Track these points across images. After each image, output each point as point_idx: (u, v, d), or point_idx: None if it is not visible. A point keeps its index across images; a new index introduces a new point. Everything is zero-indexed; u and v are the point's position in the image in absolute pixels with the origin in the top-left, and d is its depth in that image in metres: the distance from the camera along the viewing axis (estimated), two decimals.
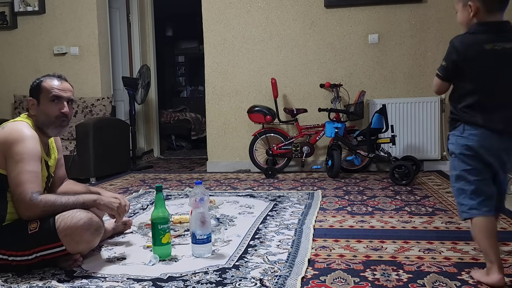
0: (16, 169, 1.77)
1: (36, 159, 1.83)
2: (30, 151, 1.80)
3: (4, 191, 1.83)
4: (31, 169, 1.79)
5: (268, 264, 1.85)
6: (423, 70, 4.24)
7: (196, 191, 2.03)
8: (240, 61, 4.51)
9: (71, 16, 4.90)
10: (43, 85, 1.93)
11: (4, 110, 4.99)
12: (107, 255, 2.04)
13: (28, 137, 1.83)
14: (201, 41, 4.82)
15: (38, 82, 1.96)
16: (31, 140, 1.83)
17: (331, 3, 4.32)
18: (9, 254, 1.78)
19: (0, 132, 1.84)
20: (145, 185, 3.85)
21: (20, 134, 1.82)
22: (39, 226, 1.78)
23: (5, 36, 5.03)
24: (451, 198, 3.00)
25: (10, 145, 1.79)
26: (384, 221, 2.50)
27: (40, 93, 1.93)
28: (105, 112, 4.69)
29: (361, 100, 4.05)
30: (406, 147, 4.20)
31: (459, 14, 1.81)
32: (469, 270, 1.73)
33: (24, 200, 1.75)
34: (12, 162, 1.78)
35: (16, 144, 1.79)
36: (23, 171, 1.76)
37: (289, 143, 4.20)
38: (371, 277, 1.70)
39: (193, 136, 6.93)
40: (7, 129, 1.85)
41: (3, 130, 1.85)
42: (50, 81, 1.94)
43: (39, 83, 1.95)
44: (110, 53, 5.21)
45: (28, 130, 1.86)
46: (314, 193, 3.29)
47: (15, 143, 1.79)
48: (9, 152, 1.79)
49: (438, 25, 4.19)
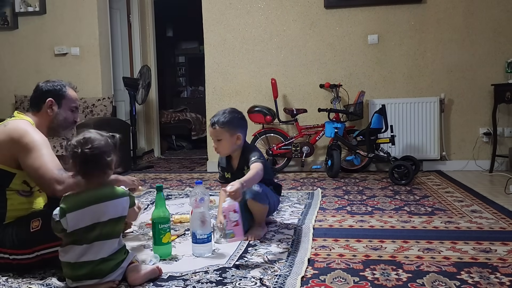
0: (32, 156, 1.79)
1: (47, 145, 1.86)
2: (40, 139, 1.84)
3: (3, 188, 1.84)
4: (46, 152, 1.82)
5: (268, 263, 1.86)
6: (423, 71, 4.25)
7: (196, 191, 2.04)
8: (240, 61, 4.52)
9: (72, 16, 4.91)
10: (68, 93, 2.05)
11: (5, 110, 5.00)
12: None
13: (33, 131, 1.87)
14: (202, 42, 4.83)
15: (61, 87, 2.05)
16: (36, 132, 1.87)
17: (331, 4, 4.33)
18: (10, 252, 1.79)
19: (3, 129, 1.86)
20: (145, 185, 3.86)
21: (24, 129, 1.85)
22: (41, 224, 1.79)
23: (6, 37, 5.04)
24: (450, 198, 3.01)
25: (17, 140, 1.81)
26: (383, 220, 2.51)
27: (63, 99, 2.04)
28: (106, 112, 4.71)
29: (361, 100, 4.06)
30: (405, 147, 4.21)
31: None
32: (468, 269, 1.74)
33: (52, 176, 1.75)
34: (26, 152, 1.79)
35: (23, 137, 1.82)
36: (40, 155, 1.79)
37: (289, 143, 4.21)
38: (370, 276, 1.71)
39: (193, 136, 6.95)
40: (10, 126, 1.87)
41: (6, 127, 1.86)
42: (71, 92, 2.08)
43: (63, 89, 2.05)
44: (111, 53, 5.22)
45: (30, 127, 1.89)
46: (314, 192, 3.30)
47: (22, 137, 1.81)
48: (19, 146, 1.80)
49: (438, 26, 4.20)
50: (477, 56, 4.16)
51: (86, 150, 1.62)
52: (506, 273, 1.69)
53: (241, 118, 2.30)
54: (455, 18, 4.19)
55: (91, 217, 1.62)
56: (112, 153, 1.69)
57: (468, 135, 4.22)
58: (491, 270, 1.73)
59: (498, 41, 4.12)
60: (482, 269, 1.74)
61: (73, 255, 1.62)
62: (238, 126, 2.26)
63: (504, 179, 3.54)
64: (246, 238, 2.17)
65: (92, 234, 1.62)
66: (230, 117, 2.23)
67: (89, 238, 1.62)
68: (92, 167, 1.65)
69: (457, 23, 4.18)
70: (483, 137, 4.19)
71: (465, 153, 4.23)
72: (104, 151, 1.66)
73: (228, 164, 2.37)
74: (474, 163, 4.19)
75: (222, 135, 2.22)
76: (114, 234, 1.67)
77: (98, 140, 1.67)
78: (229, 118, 2.23)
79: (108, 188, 1.71)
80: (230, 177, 2.35)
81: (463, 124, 4.22)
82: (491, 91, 4.08)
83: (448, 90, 4.22)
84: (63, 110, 2.04)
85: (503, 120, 4.14)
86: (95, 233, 1.62)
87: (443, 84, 4.22)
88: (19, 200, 1.86)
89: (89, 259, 1.61)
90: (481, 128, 4.19)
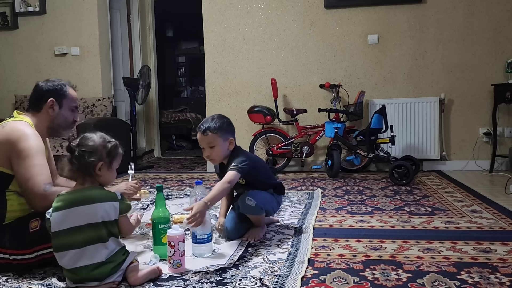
0: (24, 164, 1.79)
1: (42, 153, 1.86)
2: (35, 146, 1.83)
3: (2, 190, 1.84)
4: (39, 162, 1.81)
5: (268, 263, 1.86)
6: (423, 71, 4.25)
7: (196, 191, 2.04)
8: (240, 61, 4.52)
9: (72, 16, 4.91)
10: (68, 93, 2.04)
11: (5, 110, 5.00)
12: None
13: (31, 135, 1.86)
14: (202, 42, 4.83)
15: (62, 86, 2.03)
16: (34, 137, 1.86)
17: (331, 4, 4.33)
18: (10, 253, 1.79)
19: (1, 131, 1.86)
20: (145, 185, 3.86)
21: (22, 132, 1.84)
22: (40, 224, 1.78)
23: (6, 37, 5.04)
24: (450, 198, 3.01)
25: (14, 143, 1.81)
26: (383, 220, 2.51)
27: (64, 98, 2.02)
28: (106, 112, 4.71)
29: (361, 100, 4.06)
30: (405, 147, 4.21)
31: None
32: (468, 269, 1.74)
33: (38, 192, 1.77)
34: (19, 159, 1.79)
35: (20, 141, 1.81)
36: (32, 165, 1.79)
37: (289, 143, 4.21)
38: (370, 276, 1.71)
39: (193, 136, 6.94)
40: (8, 128, 1.86)
41: (4, 129, 1.86)
42: (72, 91, 2.07)
43: (64, 88, 2.03)
44: (111, 53, 5.22)
45: (29, 129, 1.88)
46: (314, 192, 3.30)
47: (19, 141, 1.81)
48: (14, 150, 1.80)
49: (438, 26, 4.20)
50: (477, 56, 4.16)
51: (76, 149, 1.65)
52: (506, 273, 1.69)
53: (230, 123, 2.26)
54: (455, 18, 4.19)
55: (70, 220, 1.60)
56: (99, 156, 1.66)
57: (468, 135, 4.22)
58: (491, 270, 1.73)
59: (498, 41, 4.12)
60: (482, 269, 1.74)
61: (68, 260, 1.60)
62: (229, 130, 2.21)
63: (504, 179, 3.54)
64: (246, 239, 2.17)
65: (72, 238, 1.59)
66: (220, 122, 2.18)
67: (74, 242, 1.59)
68: (77, 165, 1.65)
69: (457, 23, 4.18)
70: (483, 137, 4.19)
71: (465, 153, 4.23)
72: (90, 152, 1.65)
73: (222, 171, 2.29)
74: (474, 163, 4.19)
75: (215, 141, 2.15)
76: (104, 238, 1.62)
77: (91, 140, 1.67)
78: (220, 123, 2.17)
79: (92, 190, 1.67)
80: None
81: (463, 124, 4.22)
82: (491, 91, 4.09)
83: (448, 90, 4.22)
84: (64, 110, 2.03)
85: (503, 120, 4.14)
86: (77, 237, 1.59)
87: (443, 84, 4.22)
88: (18, 201, 1.86)
89: (83, 264, 1.59)
90: (481, 128, 4.20)
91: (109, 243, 1.64)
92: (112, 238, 1.66)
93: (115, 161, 1.75)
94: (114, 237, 1.67)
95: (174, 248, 1.78)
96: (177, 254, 1.78)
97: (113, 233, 1.67)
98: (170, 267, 1.80)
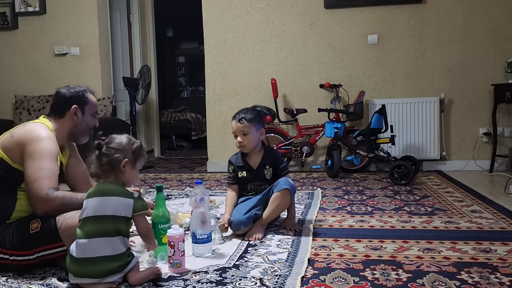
0: (34, 166, 1.79)
1: (54, 158, 1.85)
2: (48, 150, 1.84)
3: (14, 187, 1.84)
4: (48, 166, 1.81)
5: (268, 263, 1.86)
6: (423, 71, 4.25)
7: (196, 191, 2.04)
8: (240, 61, 4.52)
9: (72, 16, 4.91)
10: (90, 99, 2.07)
11: (5, 110, 5.01)
12: None
13: (46, 137, 1.87)
14: (202, 42, 4.83)
15: (83, 93, 2.05)
16: (48, 140, 1.87)
17: (331, 4, 4.33)
18: (10, 253, 1.78)
19: (21, 129, 1.89)
20: (145, 185, 3.86)
21: (38, 133, 1.86)
22: (40, 226, 1.78)
23: (6, 37, 5.04)
24: (450, 198, 3.02)
25: (28, 143, 1.82)
26: (383, 220, 2.51)
27: (86, 105, 2.05)
28: (106, 112, 4.70)
29: (361, 100, 4.06)
30: (405, 147, 4.21)
31: None
32: (468, 269, 1.74)
33: (41, 195, 1.77)
34: (30, 159, 1.80)
35: (33, 142, 1.82)
36: (41, 168, 1.79)
37: (289, 143, 4.21)
38: (370, 276, 1.71)
39: (193, 136, 6.95)
40: (27, 127, 1.90)
41: (23, 128, 1.90)
42: (92, 97, 2.10)
43: (85, 94, 2.05)
44: (111, 53, 5.22)
45: (46, 132, 1.89)
46: (314, 192, 3.30)
47: (33, 142, 1.82)
48: (27, 150, 1.81)
49: (438, 26, 4.20)
50: (477, 56, 4.16)
51: (104, 145, 1.73)
52: (506, 273, 1.69)
53: (262, 116, 2.50)
54: (455, 18, 4.19)
55: (91, 209, 1.65)
56: (125, 154, 1.74)
57: (468, 135, 4.22)
58: (491, 270, 1.73)
59: (498, 41, 4.12)
60: (482, 269, 1.74)
61: (77, 249, 1.63)
62: (261, 122, 2.43)
63: (504, 179, 3.54)
64: (247, 238, 2.18)
65: (86, 227, 1.63)
66: (255, 114, 2.39)
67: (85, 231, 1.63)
68: (103, 161, 1.73)
69: (457, 23, 4.18)
70: (483, 137, 4.19)
71: (465, 153, 4.23)
72: (117, 149, 1.73)
73: (245, 162, 2.42)
74: (474, 163, 4.19)
75: (249, 129, 2.33)
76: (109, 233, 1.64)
77: (118, 139, 1.76)
78: (254, 115, 2.38)
79: (111, 184, 1.73)
80: (245, 176, 2.41)
81: (463, 124, 4.22)
82: (491, 91, 4.09)
83: (448, 90, 4.22)
84: (86, 116, 2.05)
85: (503, 120, 4.14)
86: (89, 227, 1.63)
87: (443, 84, 4.22)
88: (27, 202, 1.86)
89: (88, 256, 1.61)
90: (481, 128, 4.20)
91: (115, 241, 1.65)
92: (120, 237, 1.67)
93: (139, 161, 1.82)
94: (122, 237, 1.68)
95: (174, 248, 1.78)
96: (177, 254, 1.79)
97: (121, 231, 1.68)
98: (170, 267, 1.80)
